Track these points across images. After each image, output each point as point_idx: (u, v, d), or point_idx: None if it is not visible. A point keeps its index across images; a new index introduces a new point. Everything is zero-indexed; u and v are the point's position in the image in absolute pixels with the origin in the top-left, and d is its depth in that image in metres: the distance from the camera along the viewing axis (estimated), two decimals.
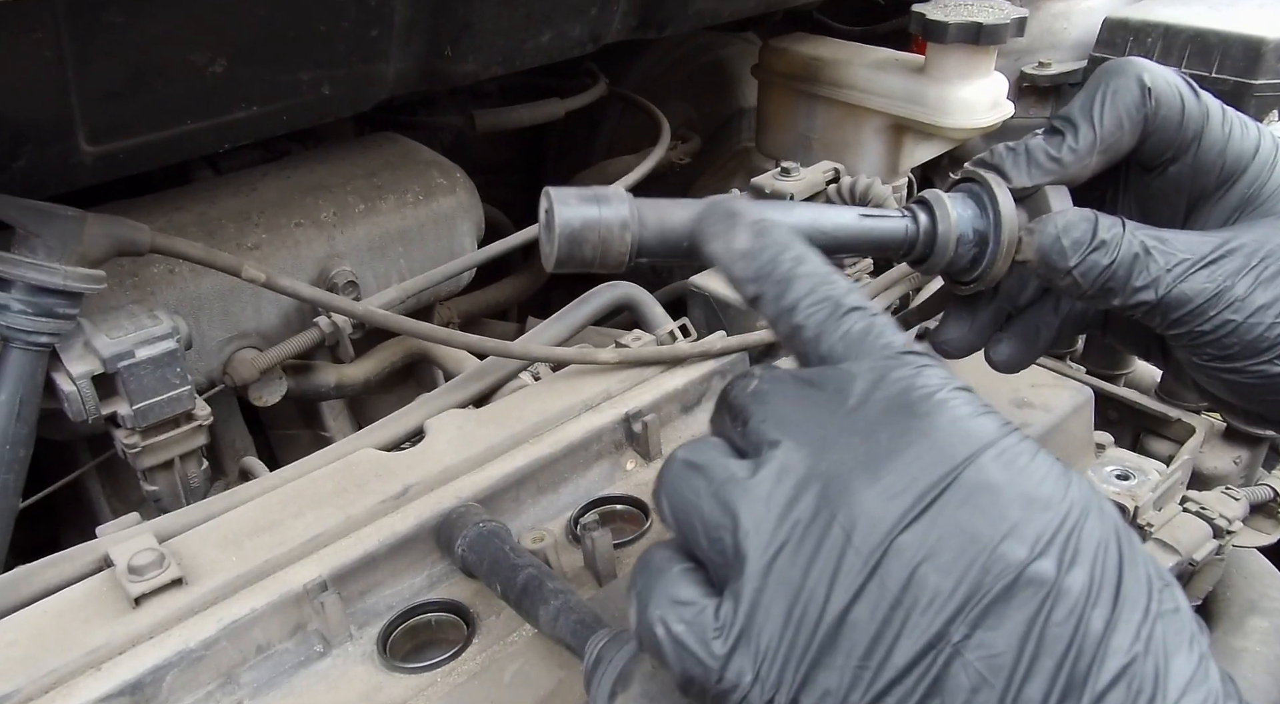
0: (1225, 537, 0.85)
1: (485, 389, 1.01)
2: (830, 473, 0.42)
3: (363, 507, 0.78)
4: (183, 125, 0.82)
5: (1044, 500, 0.40)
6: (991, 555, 0.39)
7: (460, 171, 1.23)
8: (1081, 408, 0.96)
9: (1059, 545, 0.39)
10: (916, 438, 0.42)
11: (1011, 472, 0.41)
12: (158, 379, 0.83)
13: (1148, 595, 0.40)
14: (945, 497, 0.41)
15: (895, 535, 0.40)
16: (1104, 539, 0.40)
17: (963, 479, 0.41)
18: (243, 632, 0.68)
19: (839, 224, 0.60)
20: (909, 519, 0.40)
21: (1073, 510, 0.41)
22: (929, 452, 0.42)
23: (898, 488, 0.41)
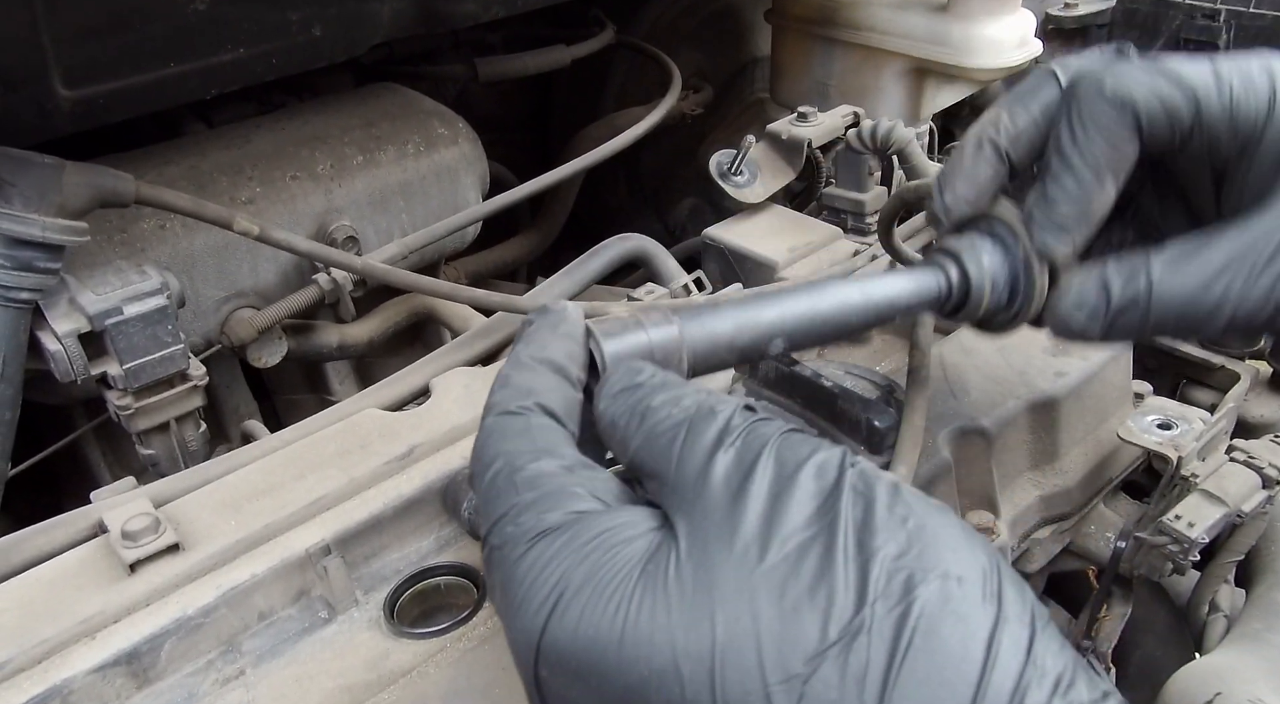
0: (1275, 486, 0.80)
1: (492, 347, 0.97)
2: None
3: (367, 468, 0.75)
4: (165, 68, 0.78)
5: (629, 691, 0.36)
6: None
7: (463, 122, 1.18)
8: (1120, 356, 0.91)
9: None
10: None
11: (580, 648, 0.38)
12: (148, 337, 0.79)
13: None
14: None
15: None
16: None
17: (542, 691, 0.40)
18: (243, 598, 0.66)
19: (852, 307, 0.58)
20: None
21: (680, 673, 0.36)
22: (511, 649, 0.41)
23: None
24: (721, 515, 0.38)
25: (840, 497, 0.37)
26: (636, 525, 0.40)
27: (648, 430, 0.43)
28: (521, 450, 0.44)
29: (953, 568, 0.35)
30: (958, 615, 0.34)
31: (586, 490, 0.42)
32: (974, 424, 0.82)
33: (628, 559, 0.39)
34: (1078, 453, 0.89)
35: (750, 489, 0.38)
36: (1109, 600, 0.93)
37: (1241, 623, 0.90)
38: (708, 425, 0.41)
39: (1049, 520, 0.87)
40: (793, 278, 1.03)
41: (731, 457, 0.40)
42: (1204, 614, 0.96)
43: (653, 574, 0.38)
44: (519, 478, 0.43)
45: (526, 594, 0.39)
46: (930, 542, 0.36)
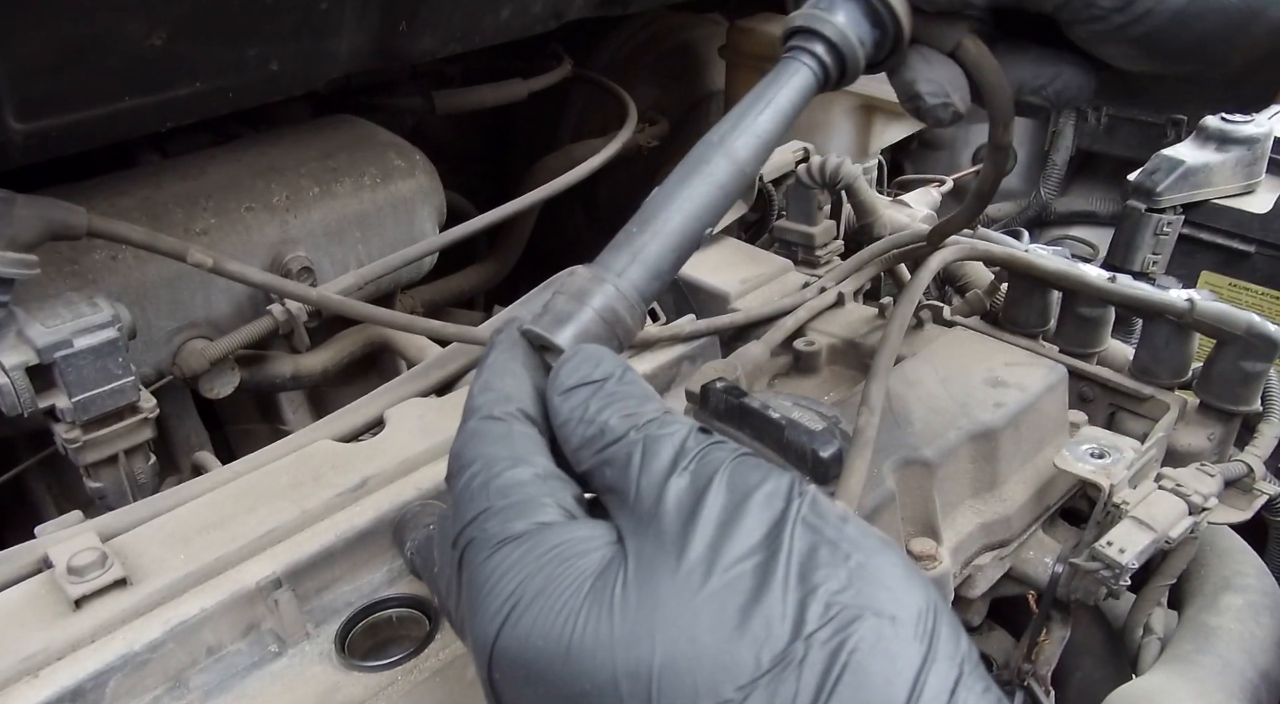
0: (1200, 513, 0.84)
1: (447, 377, 0.98)
2: None
3: (319, 500, 0.75)
4: (120, 101, 0.78)
5: (568, 697, 0.38)
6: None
7: (420, 154, 1.20)
8: (1055, 386, 0.94)
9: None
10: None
11: (530, 656, 0.40)
12: (98, 370, 0.79)
13: None
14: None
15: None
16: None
17: (495, 690, 0.41)
18: (191, 633, 0.65)
19: (763, 131, 0.57)
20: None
21: (619, 690, 0.37)
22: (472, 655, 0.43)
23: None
24: (670, 539, 0.39)
25: (785, 527, 0.39)
26: (594, 539, 0.42)
27: (606, 455, 0.44)
28: (499, 456, 0.45)
29: (888, 607, 0.36)
30: (888, 654, 0.35)
31: (554, 501, 0.44)
32: (917, 454, 0.85)
33: (580, 572, 0.40)
34: (1017, 481, 0.92)
35: (700, 515, 0.39)
36: (1048, 624, 0.96)
37: (1173, 645, 0.94)
38: (663, 448, 0.42)
39: (990, 547, 0.89)
40: (744, 308, 1.05)
41: (685, 481, 0.41)
42: (1139, 637, 0.99)
43: (601, 591, 0.39)
44: (493, 484, 0.44)
45: (485, 599, 0.41)
46: (870, 579, 0.37)
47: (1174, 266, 1.40)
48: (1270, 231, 1.31)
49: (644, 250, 0.54)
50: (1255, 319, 0.93)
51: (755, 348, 0.96)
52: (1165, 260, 1.38)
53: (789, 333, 1.00)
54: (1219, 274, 1.37)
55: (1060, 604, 0.94)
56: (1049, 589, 0.91)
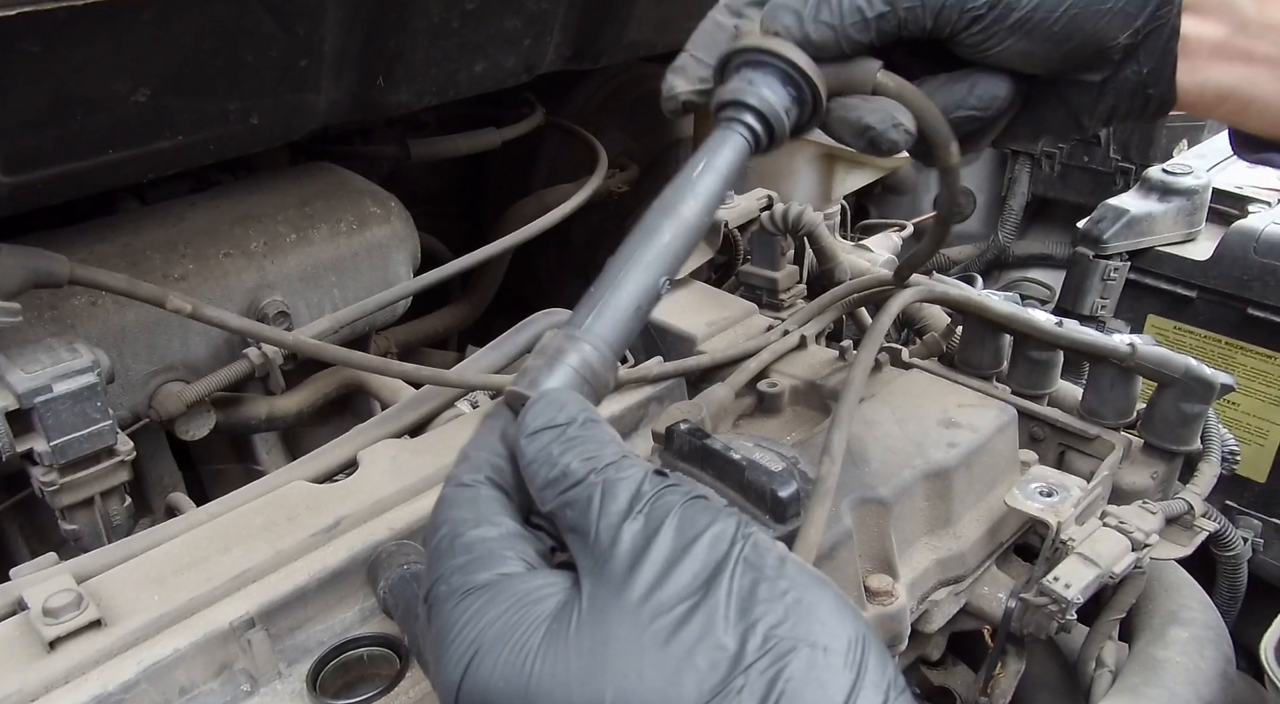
0: (1143, 549, 0.87)
1: (420, 418, 1.00)
2: None
3: (293, 540, 0.77)
4: (105, 155, 0.81)
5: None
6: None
7: (395, 200, 1.23)
8: (1006, 427, 0.98)
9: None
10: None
11: (490, 692, 0.42)
12: (77, 414, 0.80)
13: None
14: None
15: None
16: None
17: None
18: (164, 673, 0.66)
19: (704, 193, 0.62)
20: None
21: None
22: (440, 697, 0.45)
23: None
24: (619, 580, 0.42)
25: (727, 566, 0.42)
26: (552, 586, 0.45)
27: (567, 497, 0.47)
28: (465, 518, 0.48)
29: (821, 638, 0.40)
30: (820, 682, 0.38)
31: (516, 555, 0.47)
32: (874, 493, 0.88)
33: (537, 616, 0.43)
34: (970, 518, 0.95)
35: (649, 556, 0.42)
36: (1003, 658, 0.99)
37: (1123, 677, 0.97)
38: (620, 491, 0.45)
39: (945, 582, 0.93)
40: (710, 351, 1.09)
41: (639, 524, 0.44)
42: (1092, 669, 1.02)
43: (556, 631, 0.42)
44: (458, 542, 0.47)
45: (450, 645, 0.43)
46: (805, 613, 0.40)
47: (1122, 310, 1.45)
48: (1210, 278, 1.38)
49: (608, 307, 0.58)
50: (1193, 363, 0.98)
51: (720, 390, 0.99)
52: (1113, 304, 1.44)
53: (753, 375, 1.04)
54: (1164, 318, 1.43)
55: (1015, 638, 0.97)
56: (1003, 624, 0.95)
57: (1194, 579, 1.08)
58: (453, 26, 1.01)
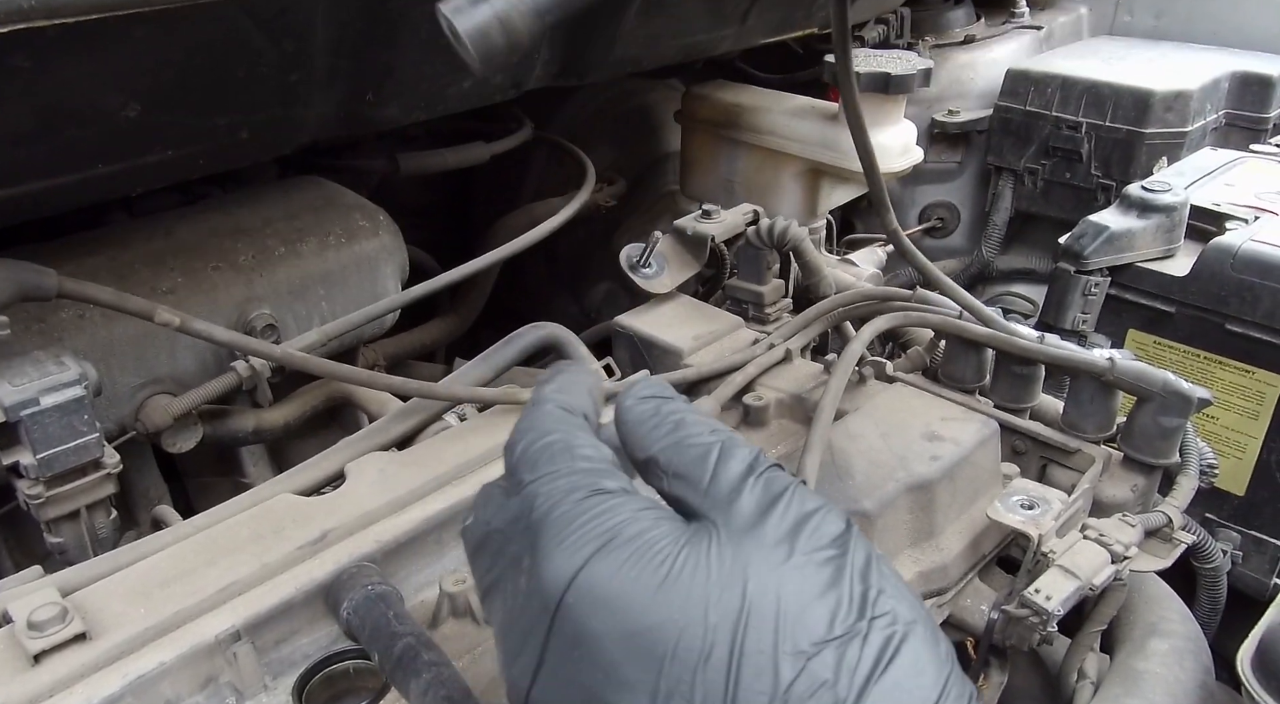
0: (1122, 562, 0.88)
1: (408, 431, 1.00)
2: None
3: (279, 553, 0.77)
4: (94, 169, 0.81)
5: (653, 628, 0.40)
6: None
7: (384, 214, 1.24)
8: (988, 440, 1.00)
9: (682, 691, 0.38)
10: (526, 577, 0.43)
11: (617, 587, 0.40)
12: (64, 427, 0.81)
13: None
14: (552, 647, 0.41)
15: (528, 696, 0.42)
16: (753, 647, 0.39)
17: (560, 619, 0.41)
18: (149, 687, 0.67)
19: None
20: (530, 682, 0.42)
21: (707, 621, 0.39)
22: (531, 592, 0.42)
23: (516, 647, 0.43)
24: (754, 522, 0.43)
25: (850, 538, 0.43)
26: (671, 516, 0.45)
27: (680, 438, 0.47)
28: (580, 440, 0.48)
29: (919, 622, 0.42)
30: (932, 653, 0.40)
31: (624, 487, 0.46)
32: (857, 506, 0.89)
33: (672, 531, 0.43)
34: (953, 531, 0.96)
35: (775, 511, 0.43)
36: (986, 670, 1.00)
37: (1104, 689, 0.98)
38: (739, 453, 0.46)
39: (928, 595, 0.93)
40: (696, 364, 1.10)
41: (761, 486, 0.44)
42: (1074, 681, 1.03)
43: (695, 546, 0.42)
44: (577, 451, 0.47)
45: (577, 531, 0.42)
46: (905, 598, 0.42)
47: (1103, 325, 1.47)
48: (1189, 293, 1.39)
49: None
50: (1171, 377, 0.99)
51: (706, 403, 1.00)
52: (1094, 319, 1.45)
53: (739, 388, 1.05)
54: (1144, 333, 1.45)
55: (997, 650, 0.98)
56: (986, 635, 0.95)
57: (1174, 592, 1.09)
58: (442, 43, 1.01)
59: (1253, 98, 2.00)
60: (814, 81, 1.95)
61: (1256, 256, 1.34)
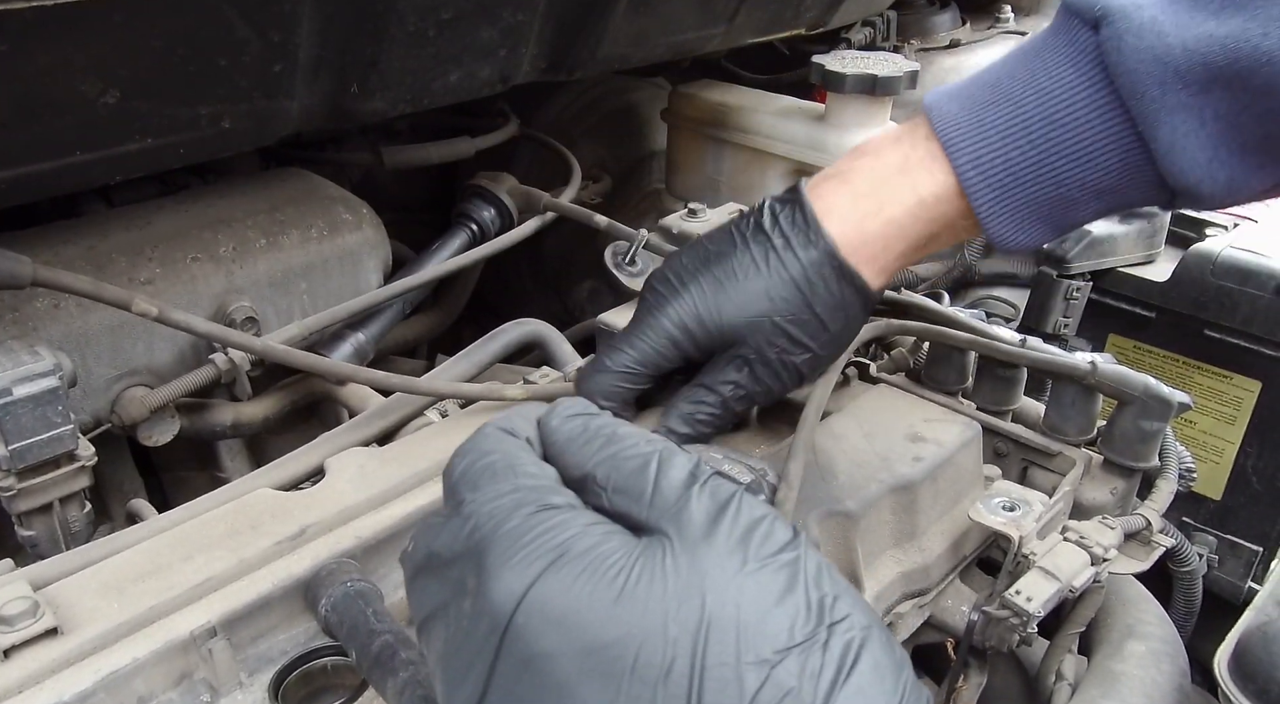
0: (1102, 564, 0.89)
1: (389, 427, 0.99)
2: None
3: (257, 548, 0.76)
4: (71, 157, 0.80)
5: (610, 644, 0.39)
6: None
7: (367, 208, 1.22)
8: (971, 442, 1.00)
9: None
10: (471, 599, 0.42)
11: (570, 603, 0.40)
12: (37, 418, 0.79)
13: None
14: (499, 672, 0.40)
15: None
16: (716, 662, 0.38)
17: (508, 640, 0.40)
18: (122, 683, 0.65)
19: None
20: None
21: (667, 634, 0.39)
22: (477, 614, 0.41)
23: (459, 677, 0.42)
24: (705, 531, 0.42)
25: (799, 547, 0.43)
26: (619, 530, 0.44)
27: (614, 452, 0.46)
28: (520, 455, 0.47)
29: (874, 627, 0.42)
30: (889, 659, 0.41)
31: (569, 502, 0.45)
32: (840, 506, 0.89)
33: (624, 544, 0.42)
34: (935, 532, 0.96)
35: (724, 519, 0.42)
36: (966, 671, 1.00)
37: (1081, 691, 0.99)
38: (678, 461, 0.45)
39: (910, 595, 0.94)
40: None
41: (706, 494, 0.44)
42: (1052, 683, 1.04)
43: (649, 558, 0.41)
44: (519, 469, 0.46)
45: (525, 548, 0.41)
46: (858, 604, 0.42)
47: (1085, 329, 1.48)
48: (1169, 299, 1.41)
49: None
50: (1151, 381, 1.00)
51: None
52: (1076, 323, 1.46)
53: None
54: (1125, 337, 1.46)
55: (977, 651, 0.98)
56: (966, 636, 0.96)
57: (1151, 595, 1.10)
58: (428, 36, 1.01)
59: None
60: (800, 82, 1.95)
61: (1235, 263, 1.36)
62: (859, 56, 1.53)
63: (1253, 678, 0.74)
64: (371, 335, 1.23)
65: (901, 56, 1.60)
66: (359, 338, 1.21)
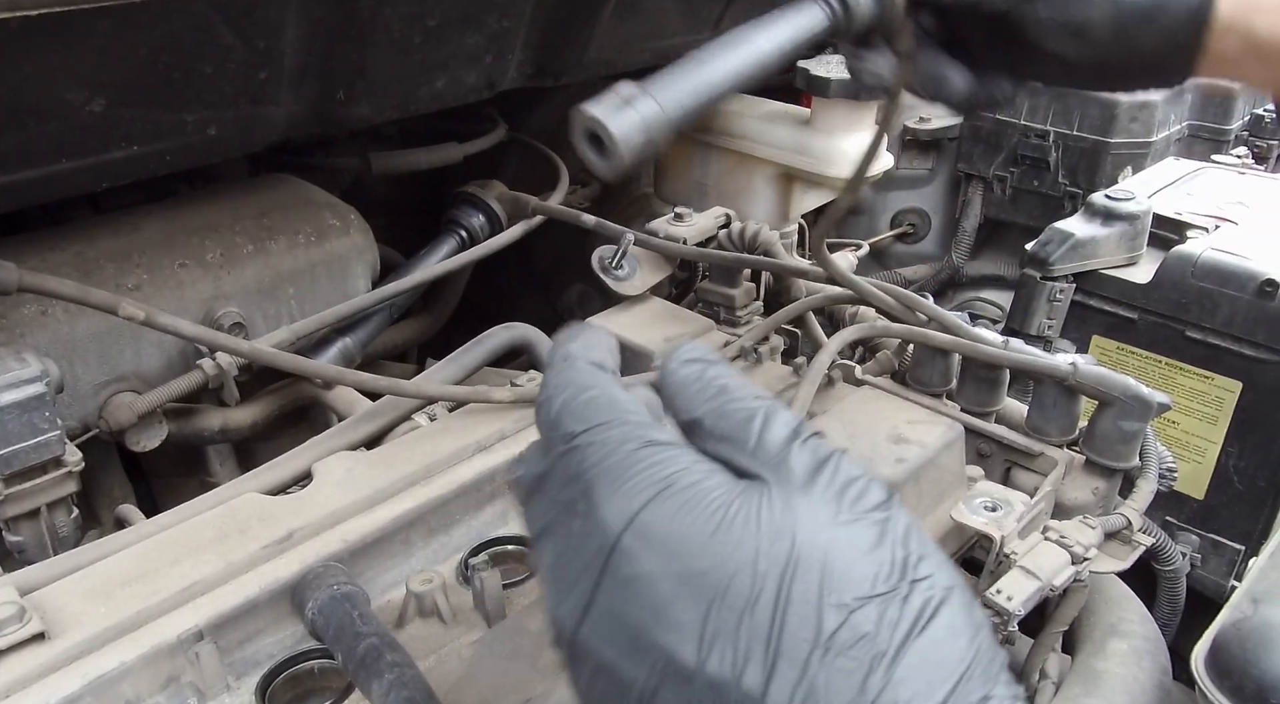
0: (1082, 563, 0.90)
1: (377, 430, 1.00)
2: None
3: (244, 552, 0.77)
4: (58, 164, 0.80)
5: (705, 572, 0.40)
6: (656, 658, 0.40)
7: (354, 213, 1.23)
8: (954, 443, 1.01)
9: (727, 633, 0.39)
10: (581, 520, 0.44)
11: (673, 530, 0.42)
12: (24, 424, 0.79)
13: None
14: (604, 586, 0.42)
15: (576, 633, 0.43)
16: (809, 604, 0.40)
17: (614, 559, 0.42)
18: (109, 687, 0.66)
19: (768, 51, 0.69)
20: (579, 620, 0.42)
21: (756, 568, 0.41)
22: (586, 533, 0.43)
23: (567, 587, 0.43)
24: (804, 482, 0.44)
25: (892, 506, 0.44)
26: (719, 469, 0.45)
27: (724, 402, 0.47)
28: (620, 394, 0.48)
29: (956, 589, 0.42)
30: (967, 618, 0.41)
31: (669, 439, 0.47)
32: None
33: (725, 483, 0.44)
34: None
35: (824, 473, 0.44)
36: None
37: (1065, 689, 1.00)
38: (783, 417, 0.46)
39: None
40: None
41: (808, 450, 0.45)
42: (1035, 681, 1.05)
43: (748, 498, 0.43)
44: (620, 406, 0.46)
45: (633, 478, 0.43)
46: (943, 566, 0.43)
47: (1069, 330, 1.50)
48: (1151, 300, 1.42)
49: (683, 79, 0.65)
50: (1131, 382, 1.01)
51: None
52: (1059, 325, 1.48)
53: None
54: (1108, 338, 1.47)
55: None
56: None
57: (1135, 593, 1.11)
58: (414, 43, 1.02)
59: (1215, 110, 2.04)
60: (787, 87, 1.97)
61: (1216, 265, 1.37)
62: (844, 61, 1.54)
63: (1228, 674, 0.75)
64: (359, 340, 1.23)
65: None
66: (346, 342, 1.21)
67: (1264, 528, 1.38)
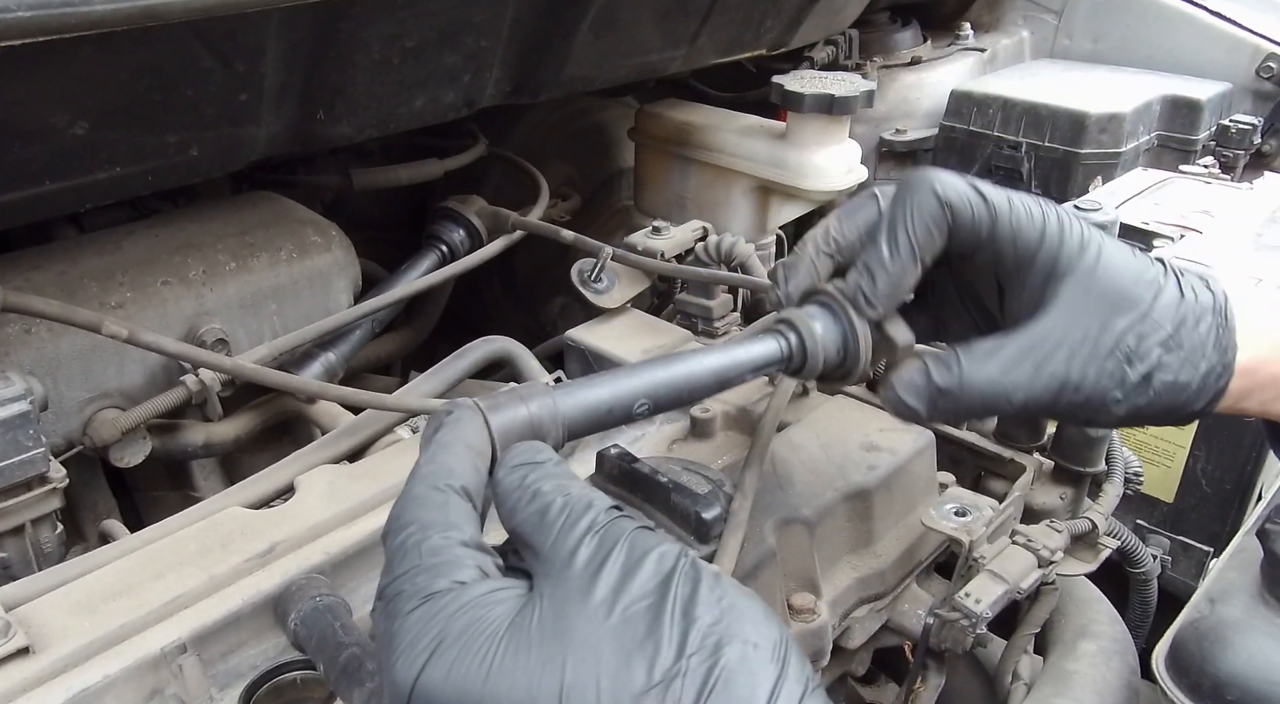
0: (1048, 566, 0.92)
1: (359, 444, 1.01)
2: None
3: (227, 566, 0.78)
4: (41, 186, 0.82)
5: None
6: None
7: (336, 229, 1.25)
8: (924, 450, 1.03)
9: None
10: (384, 675, 0.48)
11: (449, 689, 0.45)
12: (8, 442, 0.81)
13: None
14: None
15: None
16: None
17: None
18: (94, 700, 0.67)
19: (721, 360, 0.68)
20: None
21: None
22: (388, 690, 0.47)
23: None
24: (580, 585, 0.47)
25: (674, 578, 0.47)
26: (510, 590, 0.49)
27: (535, 508, 0.51)
28: (434, 522, 0.51)
29: (751, 636, 0.45)
30: (750, 671, 0.44)
31: (475, 564, 0.50)
32: (797, 514, 0.92)
33: (498, 616, 0.47)
34: (890, 538, 0.99)
35: (605, 568, 0.47)
36: (924, 672, 1.03)
37: (1036, 689, 1.02)
38: (583, 515, 0.50)
39: (866, 600, 0.97)
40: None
41: (595, 542, 0.48)
42: (1008, 683, 1.07)
43: (518, 625, 0.46)
44: (424, 546, 0.50)
45: (410, 641, 0.46)
46: (738, 616, 0.46)
47: None
48: None
49: (589, 392, 0.64)
50: None
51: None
52: None
53: None
54: None
55: (934, 653, 1.01)
56: (922, 639, 0.99)
57: (1106, 596, 1.14)
58: (393, 63, 1.04)
59: (1183, 120, 2.08)
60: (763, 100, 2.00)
61: None
62: (818, 76, 1.57)
63: (1186, 672, 0.78)
64: (341, 355, 1.25)
65: (859, 76, 1.64)
66: (329, 357, 1.23)
67: (1230, 530, 1.40)
